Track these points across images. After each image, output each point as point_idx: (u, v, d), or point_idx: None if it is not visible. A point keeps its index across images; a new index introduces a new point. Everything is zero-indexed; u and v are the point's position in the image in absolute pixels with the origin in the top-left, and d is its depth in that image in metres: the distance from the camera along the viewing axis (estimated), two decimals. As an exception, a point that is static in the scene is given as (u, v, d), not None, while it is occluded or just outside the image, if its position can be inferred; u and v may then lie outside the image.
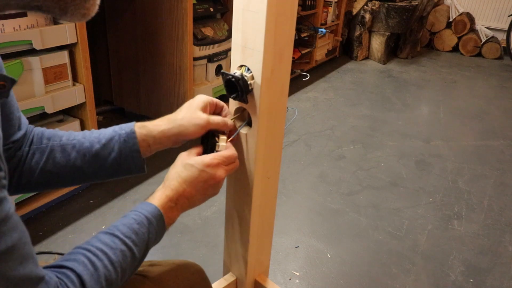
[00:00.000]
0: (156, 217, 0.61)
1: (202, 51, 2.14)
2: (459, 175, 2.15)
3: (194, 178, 0.65)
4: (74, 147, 0.65)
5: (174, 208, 0.64)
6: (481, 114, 3.01)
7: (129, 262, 0.57)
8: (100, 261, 0.53)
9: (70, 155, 0.65)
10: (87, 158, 0.65)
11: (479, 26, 4.60)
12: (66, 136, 0.67)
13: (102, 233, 0.57)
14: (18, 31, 1.32)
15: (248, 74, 0.70)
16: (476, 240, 1.67)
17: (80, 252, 0.53)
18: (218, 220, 1.66)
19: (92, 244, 0.55)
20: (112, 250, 0.55)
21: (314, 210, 1.79)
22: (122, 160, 0.66)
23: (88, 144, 0.66)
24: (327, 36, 3.71)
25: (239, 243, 0.90)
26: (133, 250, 0.57)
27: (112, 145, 0.66)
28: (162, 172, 1.94)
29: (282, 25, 0.68)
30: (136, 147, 0.66)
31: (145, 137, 0.67)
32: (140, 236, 0.58)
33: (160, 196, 0.63)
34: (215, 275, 0.98)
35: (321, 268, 1.47)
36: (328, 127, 2.61)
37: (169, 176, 0.66)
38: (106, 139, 0.66)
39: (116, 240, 0.56)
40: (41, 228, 1.54)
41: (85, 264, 0.52)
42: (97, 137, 0.66)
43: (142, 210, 0.60)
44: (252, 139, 0.75)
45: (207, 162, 0.65)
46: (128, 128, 0.67)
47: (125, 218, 0.59)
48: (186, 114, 0.68)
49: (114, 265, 0.54)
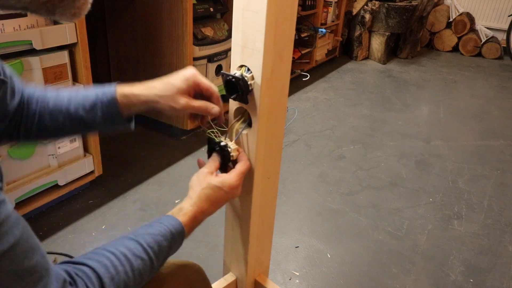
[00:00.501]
0: (180, 234, 0.64)
1: (202, 51, 2.15)
2: (459, 175, 2.15)
3: (222, 199, 0.71)
4: (61, 112, 0.68)
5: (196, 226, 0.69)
6: (481, 114, 3.01)
7: (148, 271, 0.58)
8: (122, 266, 0.54)
9: (58, 120, 0.69)
10: (74, 122, 0.69)
11: (479, 26, 4.60)
12: (53, 100, 0.69)
13: (126, 238, 0.58)
14: (18, 31, 1.32)
15: (248, 74, 0.70)
16: (476, 240, 1.67)
17: (104, 254, 0.55)
18: (218, 220, 1.66)
19: (117, 247, 0.56)
20: (134, 257, 0.56)
21: (314, 210, 1.79)
22: (107, 122, 0.70)
23: (73, 109, 0.68)
24: (327, 36, 3.71)
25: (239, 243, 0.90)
26: (153, 260, 0.59)
27: (96, 111, 0.68)
28: (161, 172, 1.94)
29: (282, 25, 0.68)
30: (118, 113, 0.69)
31: (126, 104, 0.69)
32: (162, 249, 0.60)
33: (189, 217, 0.67)
34: (215, 275, 0.98)
35: (321, 268, 1.47)
36: (328, 127, 2.61)
37: (198, 195, 0.69)
38: (90, 105, 0.68)
39: (139, 248, 0.58)
40: (41, 228, 1.54)
41: (107, 267, 0.53)
42: (81, 102, 0.68)
43: (169, 224, 0.63)
44: (252, 139, 0.75)
45: (233, 184, 0.71)
46: (109, 94, 0.68)
47: (151, 228, 0.62)
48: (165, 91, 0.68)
49: (134, 272, 0.56)
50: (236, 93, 0.71)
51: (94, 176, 1.74)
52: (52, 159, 1.56)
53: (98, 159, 1.72)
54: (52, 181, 1.57)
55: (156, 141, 2.25)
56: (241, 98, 0.72)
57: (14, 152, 1.41)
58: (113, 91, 0.68)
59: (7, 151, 1.39)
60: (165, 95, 0.68)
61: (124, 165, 1.99)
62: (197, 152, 2.15)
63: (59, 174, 1.58)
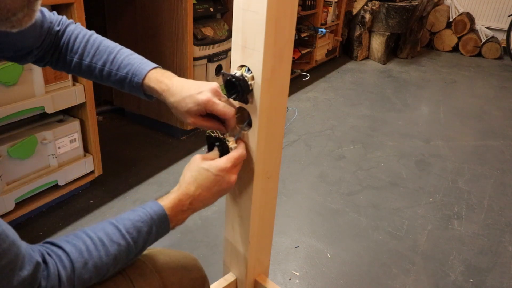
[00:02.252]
0: (161, 219, 0.65)
1: (202, 51, 2.15)
2: (459, 175, 2.15)
3: (210, 182, 0.69)
4: (94, 70, 0.76)
5: (185, 211, 0.68)
6: (481, 114, 3.01)
7: (123, 257, 0.60)
8: (97, 251, 0.57)
9: (92, 74, 0.77)
10: (104, 81, 0.77)
11: (479, 26, 4.60)
12: (90, 57, 0.76)
13: (108, 223, 0.61)
14: (18, 31, 1.32)
15: (249, 74, 0.70)
16: (476, 240, 1.67)
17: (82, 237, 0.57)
18: (218, 220, 1.66)
19: (96, 232, 0.59)
20: (111, 242, 0.59)
21: (314, 210, 1.79)
22: (132, 92, 0.77)
23: (106, 74, 0.76)
24: (327, 36, 3.71)
25: (239, 243, 0.90)
26: (130, 246, 0.61)
27: (123, 85, 0.76)
28: (161, 173, 1.94)
29: (282, 25, 0.68)
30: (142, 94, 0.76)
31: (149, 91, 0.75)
32: (141, 234, 0.62)
33: (173, 199, 0.67)
34: (215, 275, 0.98)
35: (321, 268, 1.47)
36: (328, 127, 2.61)
37: (185, 179, 0.70)
38: (119, 78, 0.75)
39: (117, 233, 0.60)
40: (41, 228, 1.54)
41: (81, 252, 0.56)
42: (113, 71, 0.75)
43: (150, 209, 0.64)
44: (252, 139, 0.75)
45: (222, 166, 0.70)
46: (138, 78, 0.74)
47: (133, 213, 0.63)
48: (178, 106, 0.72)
49: (109, 257, 0.58)
50: (236, 93, 0.71)
51: (94, 176, 1.74)
52: (52, 159, 1.56)
53: (98, 159, 1.72)
54: (52, 181, 1.57)
55: (156, 141, 2.25)
56: (241, 98, 0.72)
57: (14, 152, 1.41)
58: (141, 77, 0.73)
59: (7, 151, 1.39)
60: (177, 108, 0.72)
61: (124, 165, 1.99)
62: (197, 152, 2.15)
63: (59, 174, 1.58)
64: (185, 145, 2.23)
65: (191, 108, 0.70)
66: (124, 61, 0.74)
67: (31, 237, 1.49)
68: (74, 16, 1.44)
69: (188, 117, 0.72)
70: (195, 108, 0.70)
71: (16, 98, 1.37)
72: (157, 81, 0.73)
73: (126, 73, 0.74)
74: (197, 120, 0.72)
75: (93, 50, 0.75)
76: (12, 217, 1.46)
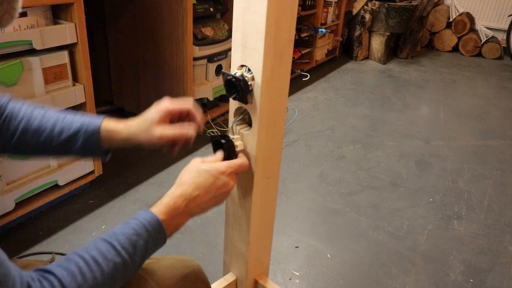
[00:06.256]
0: (155, 227, 0.61)
1: (202, 51, 2.15)
2: (459, 175, 2.15)
3: (209, 184, 0.67)
4: (43, 132, 0.71)
5: (181, 214, 0.65)
6: (481, 114, 3.01)
7: (121, 273, 0.57)
8: (91, 272, 0.53)
9: (39, 139, 0.71)
10: (53, 144, 0.72)
11: (479, 26, 4.60)
12: (38, 120, 0.71)
13: (100, 240, 0.57)
14: (18, 31, 1.32)
15: (249, 74, 0.70)
16: (476, 240, 1.67)
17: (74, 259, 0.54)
18: (218, 220, 1.66)
19: (88, 251, 0.55)
20: (106, 261, 0.55)
21: (314, 210, 1.79)
22: (85, 150, 0.73)
23: (57, 133, 0.71)
24: (327, 36, 3.71)
25: (239, 243, 0.90)
26: (127, 262, 0.57)
27: (77, 138, 0.72)
28: (161, 173, 1.94)
29: (282, 25, 0.68)
30: (98, 144, 0.72)
31: (108, 138, 0.73)
32: (137, 248, 0.59)
33: (167, 202, 0.64)
34: (215, 275, 0.98)
35: (321, 268, 1.47)
36: (328, 127, 2.61)
37: (182, 180, 0.67)
38: (73, 132, 0.71)
39: (112, 250, 0.56)
40: (41, 228, 1.54)
41: (74, 275, 0.52)
42: (66, 127, 0.72)
43: (143, 220, 0.61)
44: (252, 139, 0.75)
45: (223, 169, 0.69)
46: (94, 126, 0.72)
47: (126, 226, 0.60)
48: (141, 126, 0.72)
49: (105, 277, 0.54)
50: (236, 93, 0.71)
51: (94, 176, 1.74)
52: (52, 159, 1.56)
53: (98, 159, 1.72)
54: (52, 181, 1.57)
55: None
56: (241, 98, 0.72)
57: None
58: (98, 124, 0.72)
59: (7, 151, 1.39)
60: (142, 129, 0.72)
61: (124, 165, 1.99)
62: (197, 152, 2.15)
63: (59, 174, 1.58)
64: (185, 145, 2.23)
65: (154, 118, 0.71)
66: (75, 117, 0.73)
67: (31, 237, 1.49)
68: (74, 16, 1.44)
69: (154, 129, 0.71)
70: (157, 116, 0.71)
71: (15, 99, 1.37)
72: (114, 123, 0.73)
73: (80, 124, 0.72)
74: (165, 129, 0.72)
75: (40, 114, 0.72)
76: (12, 217, 1.46)
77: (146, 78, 2.25)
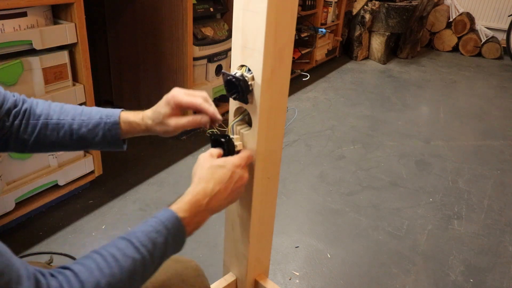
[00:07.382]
0: (175, 225, 0.60)
1: (202, 51, 2.14)
2: (459, 175, 2.15)
3: (227, 179, 0.67)
4: (63, 127, 0.72)
5: (203, 212, 0.64)
6: (481, 114, 3.01)
7: (140, 271, 0.55)
8: (109, 268, 0.52)
9: (59, 134, 0.72)
10: (74, 138, 0.72)
11: (479, 26, 4.60)
12: (57, 115, 0.72)
13: (119, 238, 0.57)
14: (18, 31, 1.32)
15: (249, 74, 0.70)
16: (476, 240, 1.67)
17: (92, 256, 0.53)
18: (218, 220, 1.66)
19: (107, 249, 0.54)
20: (125, 257, 0.54)
21: (314, 210, 1.79)
22: (104, 143, 0.74)
23: (76, 126, 0.72)
24: (327, 36, 3.71)
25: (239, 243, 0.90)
26: (146, 259, 0.56)
27: (97, 131, 0.72)
28: (161, 173, 1.94)
29: (282, 25, 0.68)
30: (119, 136, 0.74)
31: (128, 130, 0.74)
32: (157, 245, 0.57)
33: (189, 200, 0.63)
34: (215, 275, 0.98)
35: (321, 268, 1.47)
36: (328, 127, 2.61)
37: (201, 177, 0.66)
38: (93, 125, 0.72)
39: (131, 247, 0.55)
40: (41, 228, 1.54)
41: (91, 270, 0.51)
42: (85, 120, 0.72)
43: (163, 218, 0.60)
44: (252, 139, 0.75)
45: (237, 163, 0.69)
46: (113, 118, 0.73)
47: (145, 224, 0.59)
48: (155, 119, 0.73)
49: (123, 273, 0.53)
50: (236, 93, 0.71)
51: (94, 176, 1.74)
52: (52, 159, 1.56)
53: (98, 159, 1.72)
54: (52, 181, 1.57)
55: (156, 141, 2.25)
56: (241, 98, 0.72)
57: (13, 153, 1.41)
58: (117, 116, 0.73)
59: (7, 151, 1.39)
60: (156, 122, 0.73)
61: (124, 165, 1.99)
62: (197, 152, 2.15)
63: (59, 174, 1.58)
64: (185, 145, 2.23)
65: (166, 112, 0.72)
66: (93, 110, 0.74)
67: (31, 237, 1.49)
68: (74, 16, 1.44)
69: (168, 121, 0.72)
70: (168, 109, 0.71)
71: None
72: (133, 114, 0.74)
73: (99, 117, 0.72)
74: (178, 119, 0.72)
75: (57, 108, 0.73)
76: (12, 217, 1.46)
77: (146, 78, 2.25)
